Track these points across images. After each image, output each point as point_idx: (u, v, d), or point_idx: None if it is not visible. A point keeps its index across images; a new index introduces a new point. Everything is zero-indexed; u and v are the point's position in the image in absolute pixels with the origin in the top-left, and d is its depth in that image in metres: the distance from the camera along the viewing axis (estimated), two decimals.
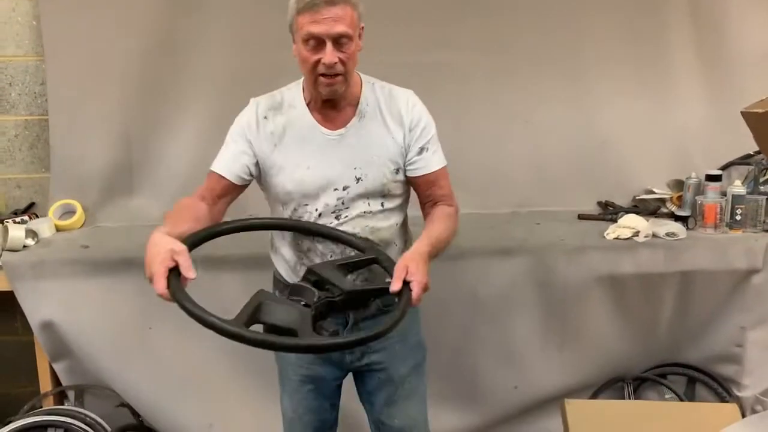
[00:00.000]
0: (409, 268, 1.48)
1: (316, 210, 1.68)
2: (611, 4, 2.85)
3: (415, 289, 1.45)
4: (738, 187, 2.65)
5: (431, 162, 1.71)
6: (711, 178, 2.69)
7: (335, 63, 1.54)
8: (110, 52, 2.68)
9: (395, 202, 1.73)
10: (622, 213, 2.75)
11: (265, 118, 1.68)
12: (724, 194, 2.67)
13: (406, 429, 1.84)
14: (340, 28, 1.52)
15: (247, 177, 1.70)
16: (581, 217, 2.84)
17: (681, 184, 2.85)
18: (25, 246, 2.47)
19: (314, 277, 1.54)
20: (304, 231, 1.70)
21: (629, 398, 2.66)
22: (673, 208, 2.83)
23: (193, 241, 1.48)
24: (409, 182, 1.74)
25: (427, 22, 2.79)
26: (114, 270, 2.41)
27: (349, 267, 1.61)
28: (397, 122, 1.68)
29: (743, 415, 2.46)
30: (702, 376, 2.70)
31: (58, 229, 2.71)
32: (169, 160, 2.79)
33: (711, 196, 2.66)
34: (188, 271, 1.36)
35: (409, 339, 1.83)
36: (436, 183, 1.73)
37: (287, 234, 1.74)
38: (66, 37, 2.67)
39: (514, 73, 2.87)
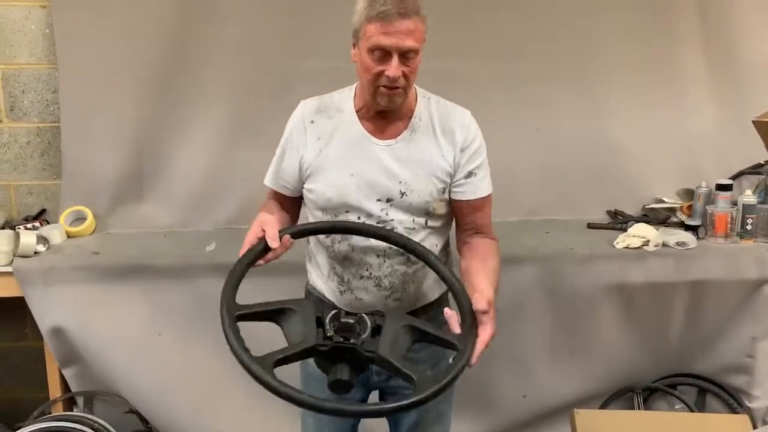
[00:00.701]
0: (489, 314, 1.37)
1: (358, 218, 1.61)
2: (622, 13, 2.86)
3: (479, 346, 1.35)
4: (749, 197, 2.64)
5: (479, 188, 1.65)
6: (721, 187, 2.68)
7: (399, 77, 1.49)
8: (122, 60, 2.70)
9: (438, 222, 1.66)
10: (631, 222, 2.74)
11: (312, 122, 1.64)
12: (734, 204, 2.66)
13: None
14: (410, 43, 1.47)
15: (300, 189, 1.68)
16: (591, 225, 2.84)
17: (691, 194, 2.85)
18: (36, 252, 2.48)
19: (381, 321, 1.36)
20: (418, 255, 1.56)
21: (639, 408, 2.65)
22: (684, 218, 2.82)
23: (293, 232, 1.52)
24: (452, 204, 1.67)
25: (437, 29, 2.77)
26: (124, 276, 2.42)
27: (421, 334, 1.41)
28: (450, 141, 1.62)
29: (754, 427, 2.44)
30: (712, 387, 2.68)
31: (69, 236, 2.72)
32: (180, 167, 2.80)
33: (722, 205, 2.65)
34: (272, 240, 1.43)
35: (442, 363, 1.70)
36: (481, 210, 1.66)
37: (324, 239, 1.67)
38: (78, 46, 2.69)
39: (524, 82, 2.87)
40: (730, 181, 2.73)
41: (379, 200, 1.60)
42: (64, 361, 2.48)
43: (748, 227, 2.62)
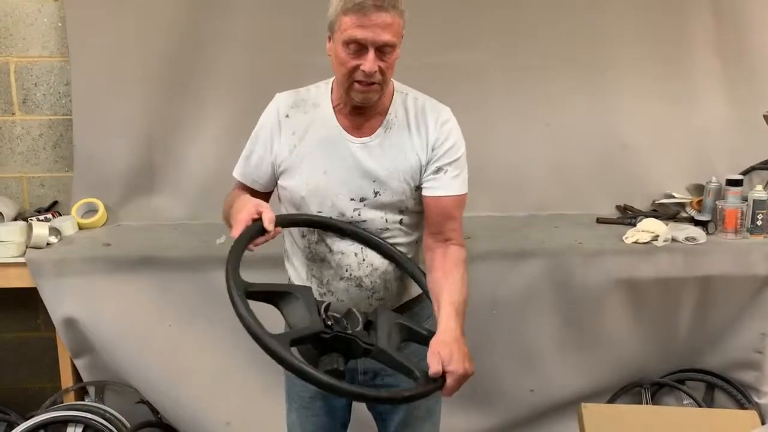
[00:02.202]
0: (442, 354, 1.35)
1: (330, 219, 1.59)
2: (632, 6, 2.84)
3: (449, 381, 1.34)
4: (759, 192, 2.63)
5: (448, 185, 1.58)
6: (732, 182, 2.67)
7: (375, 72, 1.45)
8: (133, 53, 2.71)
9: (414, 219, 1.64)
10: (641, 217, 2.74)
11: (287, 116, 1.59)
12: (745, 199, 2.65)
13: None
14: (386, 37, 1.42)
15: (272, 185, 1.66)
16: (600, 220, 2.83)
17: (701, 189, 2.84)
18: (48, 243, 2.50)
19: (372, 317, 1.42)
20: (395, 261, 1.60)
21: (647, 403, 2.65)
22: (693, 213, 2.81)
23: (283, 221, 1.51)
24: (422, 201, 1.62)
25: (446, 23, 2.79)
26: (135, 268, 2.44)
27: (411, 333, 1.47)
28: (423, 138, 1.58)
29: (763, 422, 2.43)
30: (721, 383, 2.68)
31: (81, 228, 2.74)
32: (190, 160, 2.82)
33: (732, 200, 2.64)
34: (269, 223, 1.40)
35: (426, 360, 1.77)
36: (449, 212, 1.59)
37: (299, 240, 1.65)
38: (90, 39, 2.71)
39: (534, 75, 2.86)
40: (740, 177, 2.72)
41: (352, 199, 1.58)
42: (76, 351, 2.51)
43: (759, 223, 2.61)
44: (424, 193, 1.60)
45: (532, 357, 2.57)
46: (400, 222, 1.62)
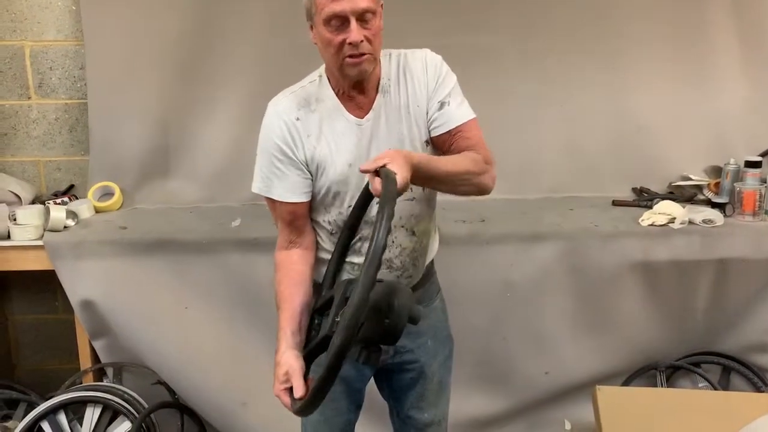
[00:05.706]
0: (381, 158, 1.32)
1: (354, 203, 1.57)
2: None
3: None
4: None
5: (456, 115, 1.58)
6: (750, 164, 2.64)
7: (361, 41, 1.44)
8: (148, 36, 2.71)
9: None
10: (657, 199, 2.71)
11: (298, 119, 1.57)
12: (763, 181, 2.62)
13: (434, 421, 1.83)
14: (363, 3, 1.43)
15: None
16: (616, 203, 2.81)
17: (718, 171, 2.80)
18: (65, 227, 2.53)
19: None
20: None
21: (662, 386, 2.64)
22: (710, 195, 2.78)
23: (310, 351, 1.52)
24: (437, 145, 1.60)
25: (461, 4, 2.77)
26: (151, 251, 2.46)
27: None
28: (419, 85, 1.58)
29: None
30: (737, 365, 2.66)
31: (97, 211, 2.76)
32: (205, 143, 2.82)
33: (750, 182, 2.61)
34: (298, 391, 1.42)
35: (439, 333, 1.80)
36: (469, 138, 1.57)
37: (327, 240, 1.64)
38: (105, 22, 2.71)
39: (549, 57, 2.84)
40: (759, 158, 2.69)
41: None
42: (94, 333, 2.54)
43: None
44: (436, 133, 1.59)
45: (546, 339, 2.57)
46: (423, 190, 1.62)
